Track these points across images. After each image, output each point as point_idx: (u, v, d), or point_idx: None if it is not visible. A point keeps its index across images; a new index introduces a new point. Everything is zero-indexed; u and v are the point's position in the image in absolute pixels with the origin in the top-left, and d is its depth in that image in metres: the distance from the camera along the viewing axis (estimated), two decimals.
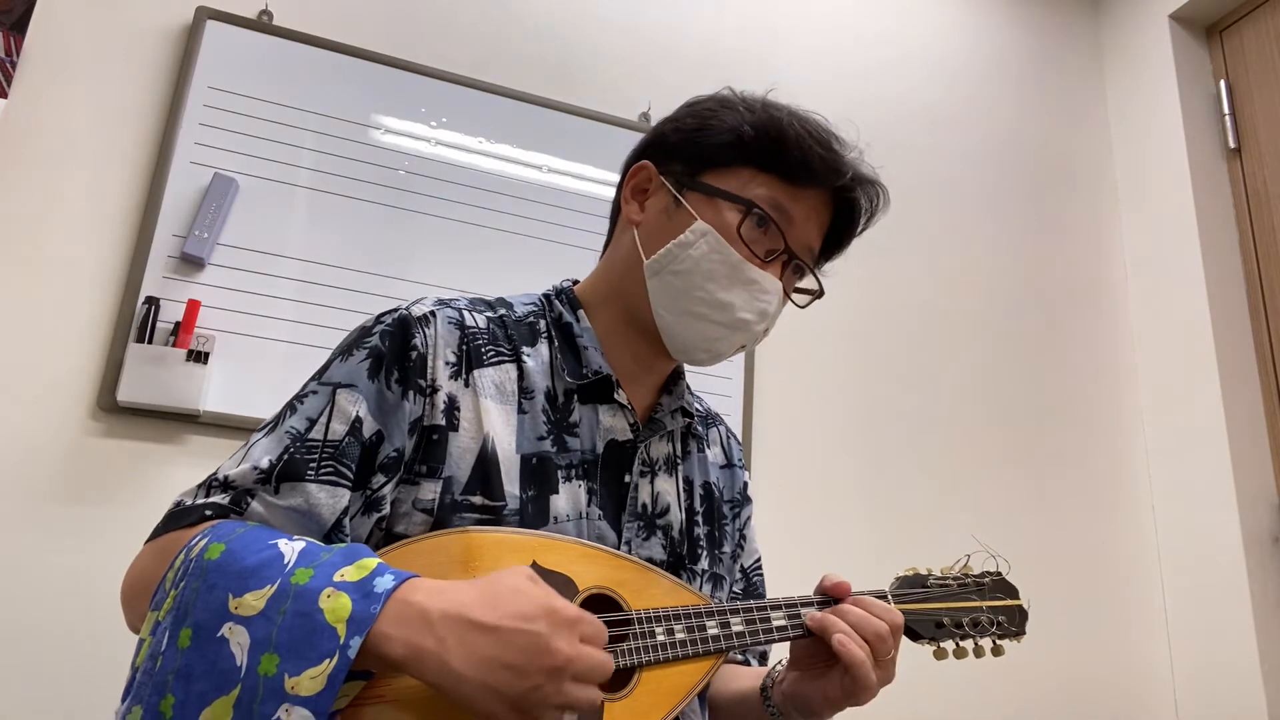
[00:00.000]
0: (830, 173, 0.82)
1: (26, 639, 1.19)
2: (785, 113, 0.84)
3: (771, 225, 0.81)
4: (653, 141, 0.88)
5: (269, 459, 0.70)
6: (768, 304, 0.82)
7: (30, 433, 1.26)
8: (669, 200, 0.84)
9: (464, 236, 1.55)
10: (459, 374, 0.77)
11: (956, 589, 0.88)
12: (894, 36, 2.09)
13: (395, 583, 0.58)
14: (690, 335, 0.83)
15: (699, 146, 0.84)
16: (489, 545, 0.71)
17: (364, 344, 0.75)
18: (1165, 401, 1.98)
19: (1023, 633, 0.88)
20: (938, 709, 1.67)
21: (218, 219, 1.38)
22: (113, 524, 1.25)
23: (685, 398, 0.92)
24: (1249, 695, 1.68)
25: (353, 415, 0.72)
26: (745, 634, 0.77)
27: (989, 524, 1.81)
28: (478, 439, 0.76)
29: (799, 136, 0.81)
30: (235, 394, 1.35)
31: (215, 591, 0.57)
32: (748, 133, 0.82)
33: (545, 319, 0.86)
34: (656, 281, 0.82)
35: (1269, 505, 1.81)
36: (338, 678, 0.54)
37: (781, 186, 0.82)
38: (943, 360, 1.90)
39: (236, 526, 0.64)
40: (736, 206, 0.81)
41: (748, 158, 0.82)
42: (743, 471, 1.01)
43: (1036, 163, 2.15)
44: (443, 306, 0.80)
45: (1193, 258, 1.96)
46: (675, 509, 0.86)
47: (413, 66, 1.60)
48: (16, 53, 1.37)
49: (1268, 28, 2.01)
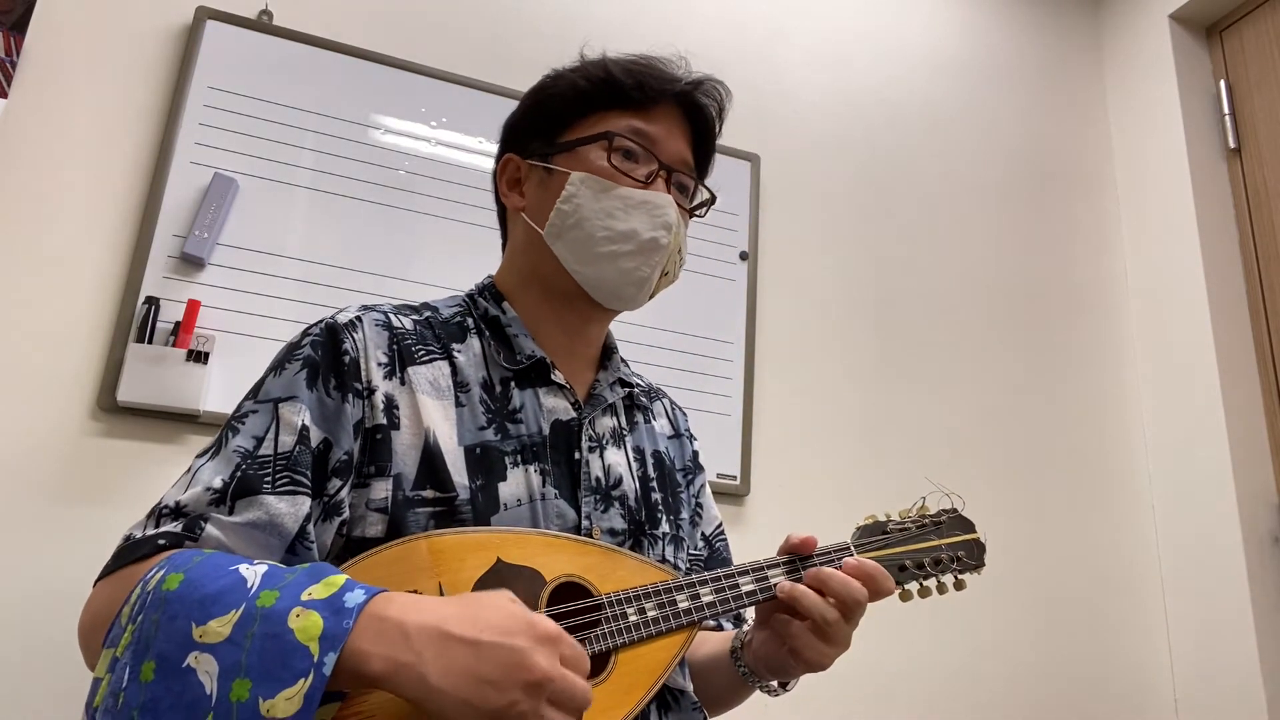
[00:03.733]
0: (667, 82, 0.88)
1: (26, 639, 1.19)
2: (605, 58, 0.89)
3: (639, 149, 0.86)
4: (505, 136, 0.94)
5: (220, 479, 0.69)
6: (667, 215, 0.85)
7: (30, 433, 1.26)
8: (541, 174, 0.88)
9: (464, 236, 1.55)
10: (393, 373, 0.78)
11: (915, 531, 0.89)
12: (894, 37, 2.10)
13: (366, 597, 0.57)
14: (610, 274, 0.85)
15: (544, 116, 0.90)
16: (452, 547, 0.70)
17: (295, 356, 0.76)
18: (1165, 401, 1.98)
19: (982, 564, 0.91)
20: (938, 708, 1.67)
21: (218, 219, 1.38)
22: (113, 524, 1.25)
23: (621, 370, 0.95)
24: (1249, 695, 1.68)
25: (299, 425, 0.72)
26: (716, 603, 0.78)
27: (990, 523, 1.79)
28: (419, 435, 0.77)
29: (625, 67, 0.87)
30: (235, 394, 1.33)
31: (177, 621, 0.56)
32: (582, 84, 0.88)
33: (472, 316, 0.88)
34: (560, 244, 0.86)
35: (1269, 505, 1.81)
36: (314, 696, 0.53)
37: (631, 114, 0.87)
38: (942, 359, 1.90)
39: (193, 555, 0.62)
40: (599, 144, 0.86)
41: (590, 104, 0.88)
42: (692, 440, 1.03)
43: (1036, 163, 2.15)
44: (367, 311, 0.82)
45: (1193, 258, 1.96)
46: (629, 478, 0.87)
47: (413, 66, 1.60)
48: (16, 53, 1.37)
49: (1268, 28, 2.02)
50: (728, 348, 1.69)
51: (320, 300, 1.43)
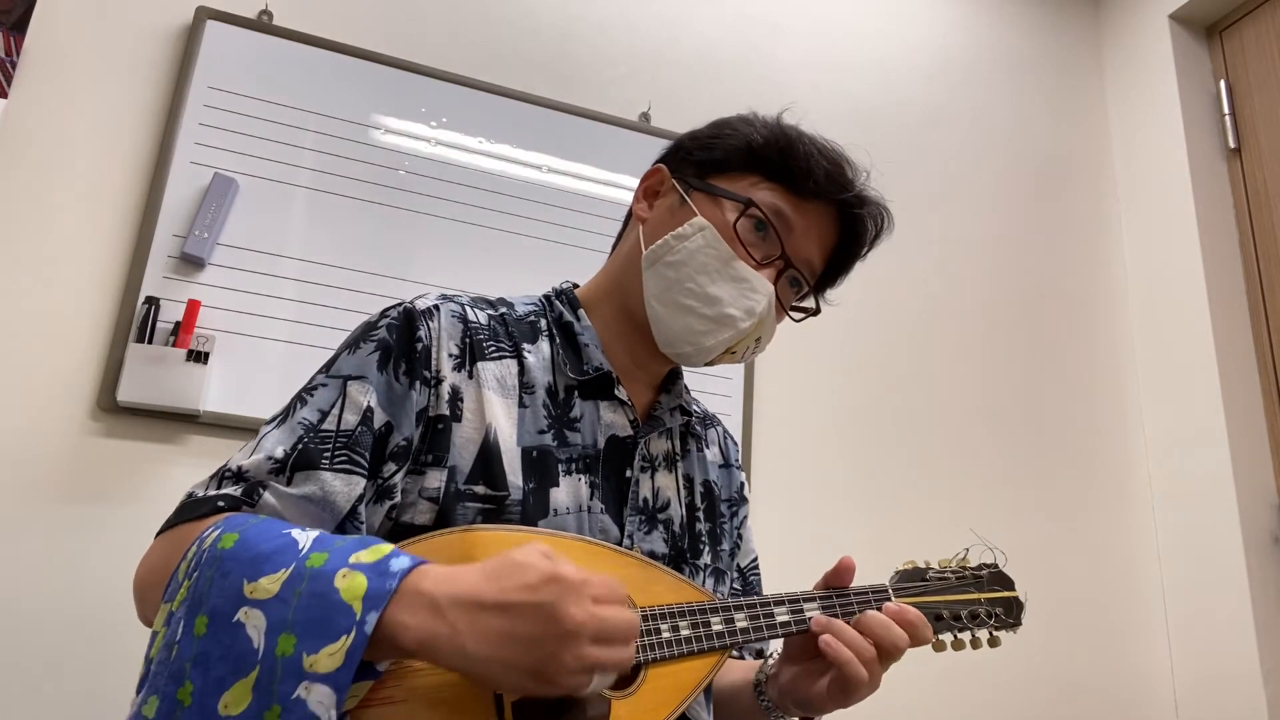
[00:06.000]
0: (835, 186, 0.85)
1: (27, 639, 1.19)
2: (797, 130, 0.87)
3: (771, 231, 0.84)
4: (671, 149, 0.93)
5: (283, 449, 0.71)
6: (756, 303, 0.83)
7: (30, 433, 1.26)
8: (675, 199, 0.87)
9: (464, 236, 1.55)
10: (462, 366, 0.79)
11: (955, 582, 0.89)
12: (893, 36, 2.09)
13: (411, 564, 0.58)
14: (676, 326, 0.84)
15: (710, 151, 0.88)
16: (495, 542, 0.71)
17: (371, 337, 0.77)
18: (1165, 401, 1.98)
19: (1019, 624, 0.90)
20: (938, 710, 1.67)
21: (218, 219, 1.38)
22: (113, 524, 1.25)
23: (684, 397, 0.94)
24: (1249, 695, 1.68)
25: (364, 405, 0.73)
26: (749, 630, 0.78)
27: (989, 524, 1.81)
28: (480, 430, 0.77)
29: (808, 150, 0.85)
30: (235, 394, 1.35)
31: (230, 578, 0.58)
32: (757, 141, 0.86)
33: (546, 318, 0.88)
34: (651, 272, 0.85)
35: (1269, 505, 1.81)
36: (356, 653, 0.54)
37: (785, 195, 0.84)
38: (943, 361, 1.90)
39: (249, 518, 0.64)
40: (736, 205, 0.84)
41: (755, 165, 0.85)
42: (739, 472, 1.02)
43: (1036, 163, 2.15)
44: (446, 301, 0.82)
45: (1193, 258, 1.96)
46: (675, 504, 0.87)
47: (413, 66, 1.60)
48: (16, 53, 1.37)
49: (1268, 28, 2.01)
50: None
51: (320, 300, 1.43)
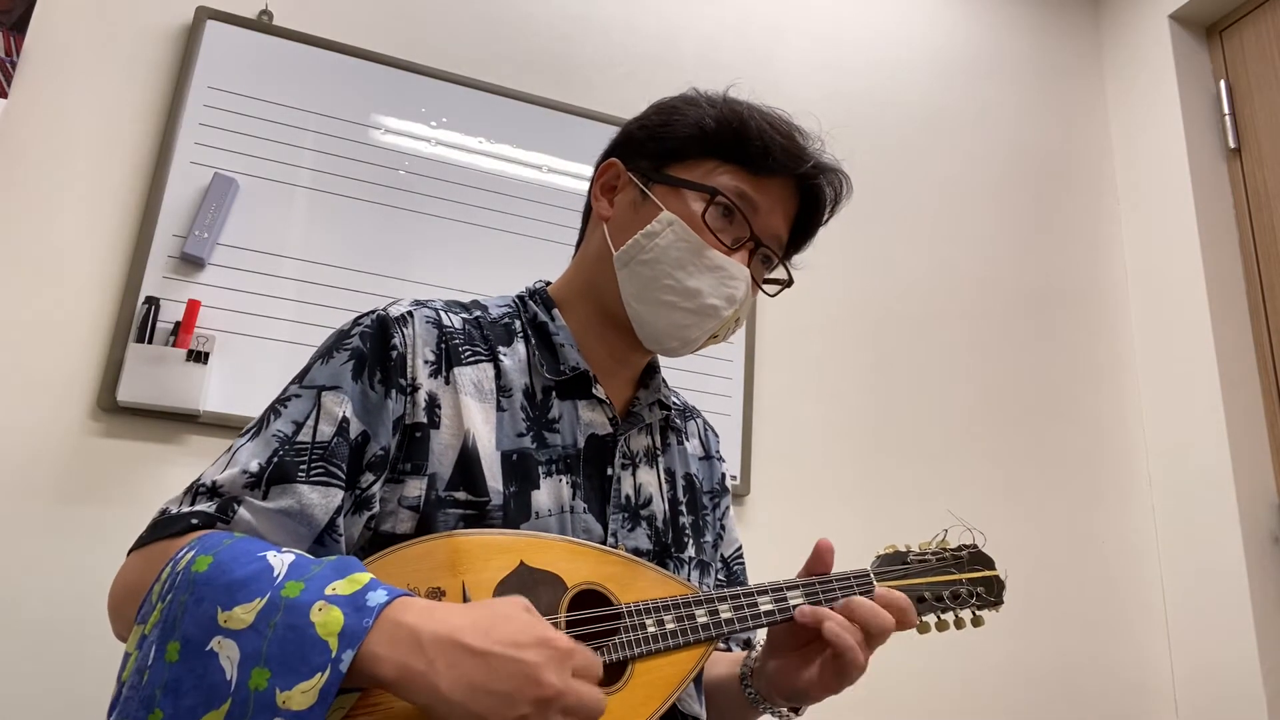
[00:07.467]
0: (792, 159, 0.85)
1: (27, 639, 1.19)
2: (746, 106, 0.86)
3: (737, 213, 0.84)
4: (620, 140, 0.92)
5: (257, 462, 0.69)
6: (735, 289, 0.83)
7: (30, 433, 1.26)
8: (636, 194, 0.86)
9: (464, 236, 1.55)
10: (439, 372, 0.78)
11: (935, 563, 0.90)
12: (893, 36, 2.10)
13: (388, 598, 0.58)
14: (660, 323, 0.84)
15: (664, 141, 0.87)
16: (475, 548, 0.70)
17: (344, 346, 0.76)
18: (1165, 401, 1.98)
19: (1001, 602, 0.91)
20: (938, 709, 1.67)
21: (218, 219, 1.38)
22: (113, 524, 1.25)
23: (662, 391, 0.94)
24: (1249, 695, 1.68)
25: (339, 416, 0.72)
26: (734, 620, 0.78)
27: (989, 524, 1.79)
28: (459, 436, 0.76)
29: (760, 127, 0.84)
30: (235, 394, 1.35)
31: (203, 605, 0.57)
32: (710, 125, 0.85)
33: (520, 319, 0.88)
34: (626, 272, 0.84)
35: (1269, 505, 1.81)
36: (329, 691, 0.53)
37: (745, 175, 0.84)
38: (943, 360, 1.90)
39: (224, 538, 0.62)
40: (701, 195, 0.83)
41: (711, 149, 0.85)
42: (721, 463, 1.02)
43: (1036, 162, 2.15)
44: (419, 306, 0.81)
45: (1193, 258, 1.96)
46: (658, 499, 0.87)
47: (413, 66, 1.60)
48: (16, 53, 1.37)
49: (1268, 28, 2.01)
50: (727, 347, 1.69)
51: (320, 300, 1.43)
